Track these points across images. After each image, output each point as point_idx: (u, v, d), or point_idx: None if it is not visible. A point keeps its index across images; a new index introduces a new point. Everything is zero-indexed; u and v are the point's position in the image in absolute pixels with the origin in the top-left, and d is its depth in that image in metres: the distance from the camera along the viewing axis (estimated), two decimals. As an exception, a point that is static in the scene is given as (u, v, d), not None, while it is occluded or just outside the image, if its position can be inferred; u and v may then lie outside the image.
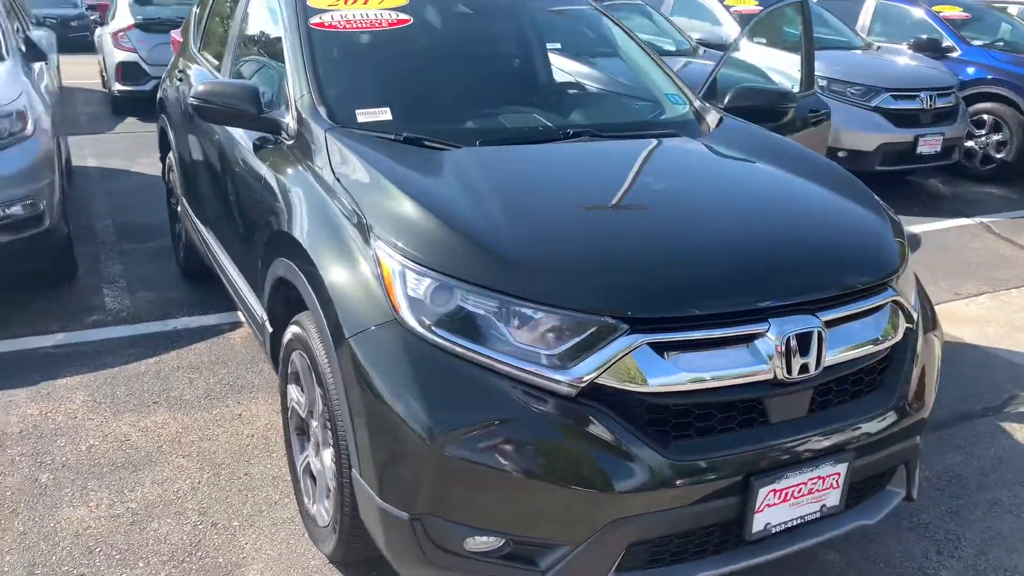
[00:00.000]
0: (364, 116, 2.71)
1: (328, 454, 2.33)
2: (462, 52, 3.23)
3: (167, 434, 3.22)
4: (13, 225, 4.01)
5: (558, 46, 3.48)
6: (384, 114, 2.73)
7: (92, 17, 14.75)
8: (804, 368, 2.06)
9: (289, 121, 2.76)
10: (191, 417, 3.34)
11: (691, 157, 2.80)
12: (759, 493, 2.03)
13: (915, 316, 2.40)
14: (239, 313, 3.95)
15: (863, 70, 7.41)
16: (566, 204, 2.34)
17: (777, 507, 2.08)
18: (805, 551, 2.60)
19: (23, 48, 4.86)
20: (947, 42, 8.54)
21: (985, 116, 8.01)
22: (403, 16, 3.08)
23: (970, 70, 8.20)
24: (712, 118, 3.26)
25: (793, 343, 2.03)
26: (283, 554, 2.59)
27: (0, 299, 4.39)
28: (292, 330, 2.48)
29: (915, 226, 6.44)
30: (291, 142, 2.73)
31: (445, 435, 1.91)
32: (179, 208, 4.44)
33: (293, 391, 2.61)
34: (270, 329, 2.81)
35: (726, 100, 3.56)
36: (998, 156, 7.97)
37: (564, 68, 3.42)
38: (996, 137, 7.99)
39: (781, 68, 7.14)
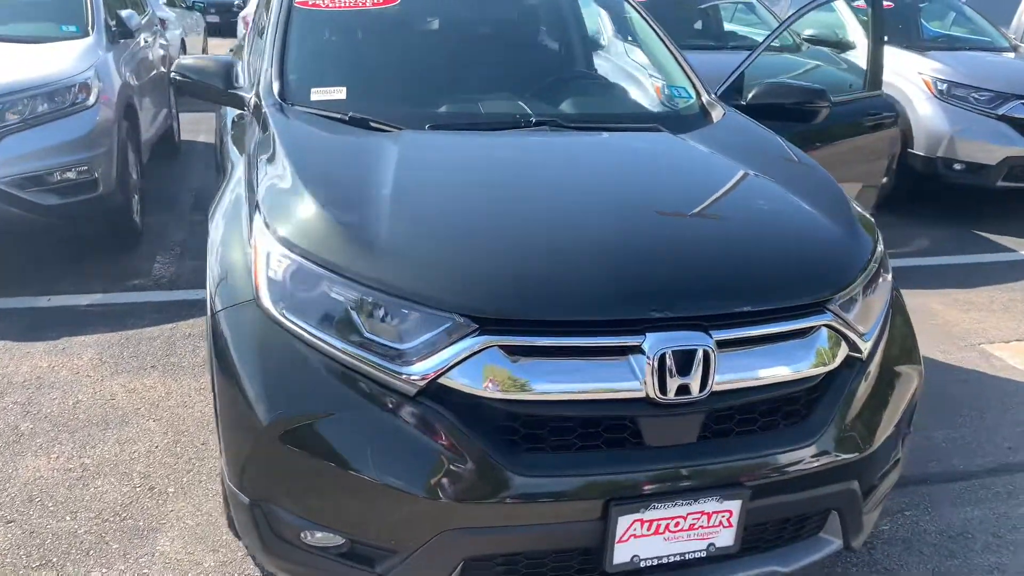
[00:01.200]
0: (319, 95, 2.69)
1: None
2: (444, 34, 3.14)
3: (150, 397, 3.34)
4: (66, 189, 4.30)
5: (558, 31, 3.31)
6: (339, 93, 2.70)
7: (237, 2, 15.70)
8: (685, 390, 1.84)
9: (252, 97, 2.78)
10: (178, 383, 3.45)
11: (644, 153, 2.59)
12: (619, 521, 1.84)
13: (864, 345, 2.10)
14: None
15: (992, 73, 6.66)
16: (464, 195, 2.22)
17: (647, 539, 1.88)
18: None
19: (112, 26, 5.19)
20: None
21: None
22: (390, -5, 3.03)
23: None
24: (717, 114, 3.02)
25: (669, 361, 1.82)
26: (200, 525, 2.61)
27: (59, 259, 4.72)
28: None
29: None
30: (250, 118, 2.75)
31: (281, 423, 1.85)
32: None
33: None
34: None
35: (748, 97, 3.29)
36: None
37: (563, 55, 3.25)
38: None
39: (901, 70, 6.58)
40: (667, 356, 1.82)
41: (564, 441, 1.85)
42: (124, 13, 5.32)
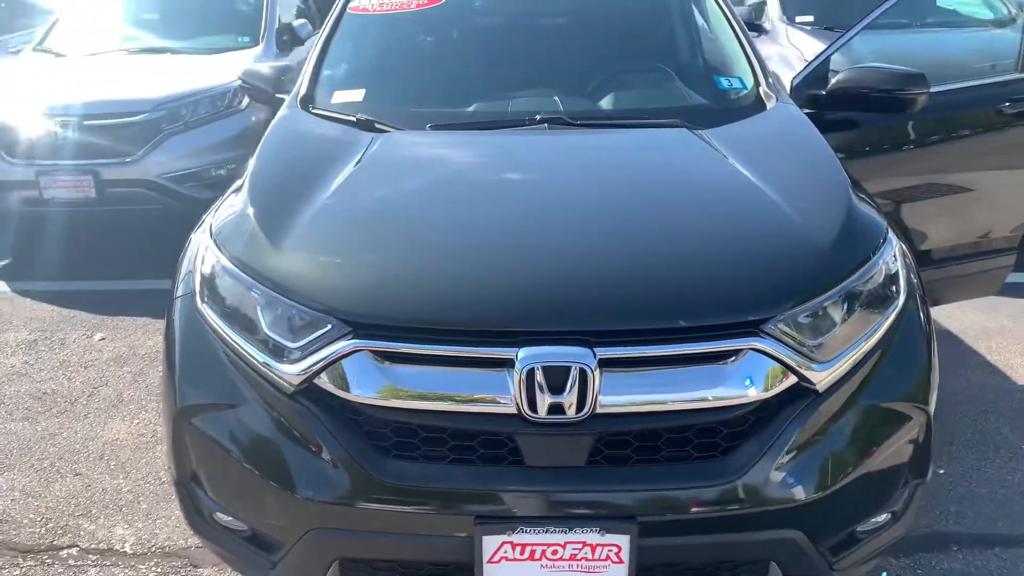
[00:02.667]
0: (340, 97, 2.80)
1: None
2: (482, 31, 3.10)
3: (236, 375, 3.66)
4: (218, 184, 4.80)
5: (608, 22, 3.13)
6: (358, 95, 2.78)
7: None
8: (559, 408, 1.71)
9: (288, 100, 2.95)
10: (264, 364, 3.75)
11: (622, 154, 2.41)
12: (484, 541, 1.75)
13: (819, 375, 1.81)
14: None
15: None
16: (389, 199, 2.19)
17: (522, 564, 1.77)
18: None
19: (284, 36, 5.71)
20: None
21: None
22: (436, -4, 3.07)
23: None
24: (770, 105, 2.73)
25: (540, 377, 1.70)
26: (219, 496, 2.84)
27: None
28: None
29: None
30: (278, 121, 2.92)
31: (189, 409, 1.98)
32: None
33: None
34: None
35: (830, 85, 2.94)
36: None
37: (605, 46, 3.06)
38: None
39: None
40: (536, 371, 1.70)
41: (436, 452, 1.79)
42: (296, 23, 5.82)
